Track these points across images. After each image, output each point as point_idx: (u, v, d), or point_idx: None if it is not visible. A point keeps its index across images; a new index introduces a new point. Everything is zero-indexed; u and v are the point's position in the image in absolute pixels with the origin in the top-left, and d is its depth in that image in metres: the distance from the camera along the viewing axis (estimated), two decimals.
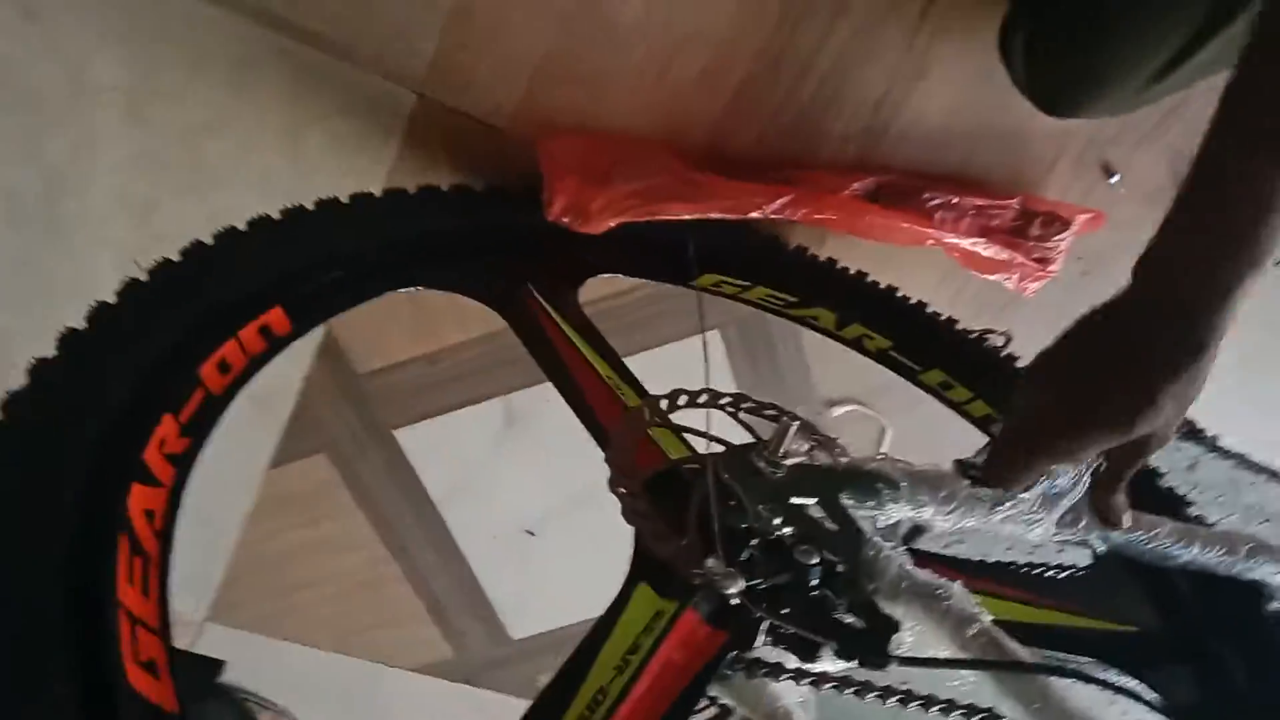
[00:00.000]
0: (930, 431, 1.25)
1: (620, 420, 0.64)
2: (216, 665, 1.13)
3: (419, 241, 0.87)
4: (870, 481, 0.58)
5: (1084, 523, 0.61)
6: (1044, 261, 1.08)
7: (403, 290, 0.85)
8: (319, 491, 1.14)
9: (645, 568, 0.57)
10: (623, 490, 0.57)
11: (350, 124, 0.95)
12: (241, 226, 0.75)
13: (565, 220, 0.92)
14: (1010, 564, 0.79)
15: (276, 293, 0.73)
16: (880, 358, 0.95)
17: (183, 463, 0.57)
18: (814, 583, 0.54)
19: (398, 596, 1.25)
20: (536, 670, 1.39)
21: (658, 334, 1.18)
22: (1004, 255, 1.07)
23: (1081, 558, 0.74)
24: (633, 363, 0.82)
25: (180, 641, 1.18)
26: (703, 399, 0.68)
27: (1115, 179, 1.12)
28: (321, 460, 1.13)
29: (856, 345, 0.96)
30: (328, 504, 1.15)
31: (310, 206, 0.80)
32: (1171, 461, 1.37)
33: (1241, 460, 1.36)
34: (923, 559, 0.72)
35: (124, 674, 0.42)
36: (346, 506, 1.16)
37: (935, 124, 1.03)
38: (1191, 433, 1.33)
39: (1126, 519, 0.60)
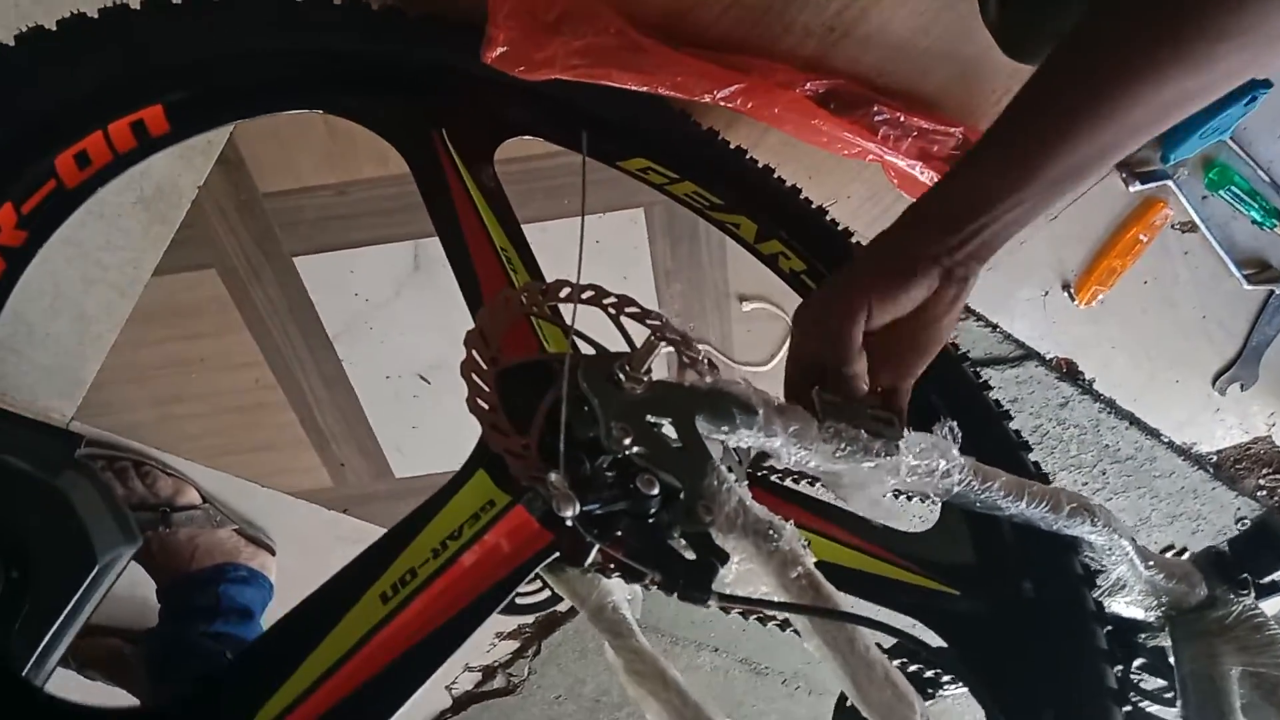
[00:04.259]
0: None
1: (490, 302, 0.61)
2: (76, 439, 1.12)
3: (332, 60, 0.80)
4: (728, 405, 0.57)
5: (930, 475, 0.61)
6: None
7: (302, 110, 0.79)
8: (205, 307, 1.10)
9: (487, 455, 0.56)
10: (473, 376, 0.55)
11: None
12: (135, 5, 0.68)
13: (503, 64, 0.86)
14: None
15: (160, 88, 0.66)
16: (792, 279, 0.92)
17: (16, 258, 0.53)
18: (652, 511, 0.53)
19: (280, 423, 1.23)
20: None
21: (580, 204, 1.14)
22: None
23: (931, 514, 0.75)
24: (549, 230, 0.77)
25: None
26: (587, 295, 0.65)
27: None
28: (211, 275, 1.08)
29: (771, 262, 0.92)
30: (213, 321, 1.11)
31: None
32: (1045, 399, 1.43)
33: (1109, 404, 1.43)
34: (768, 489, 0.73)
35: None
36: (233, 326, 1.12)
37: (898, 36, 0.98)
38: (1070, 373, 1.39)
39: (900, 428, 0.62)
